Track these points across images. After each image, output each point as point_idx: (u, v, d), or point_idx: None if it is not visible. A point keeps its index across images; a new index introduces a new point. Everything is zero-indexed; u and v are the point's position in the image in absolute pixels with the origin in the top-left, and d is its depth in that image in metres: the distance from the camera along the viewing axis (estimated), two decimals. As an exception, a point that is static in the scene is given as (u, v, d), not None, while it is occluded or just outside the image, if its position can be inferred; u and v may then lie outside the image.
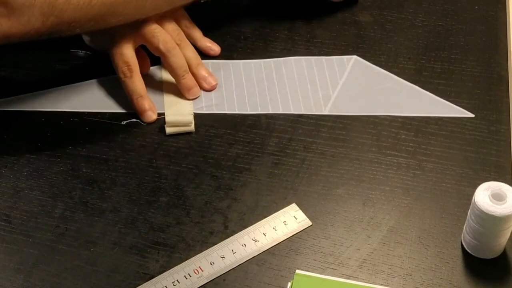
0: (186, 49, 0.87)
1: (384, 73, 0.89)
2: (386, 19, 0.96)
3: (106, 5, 0.77)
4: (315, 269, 0.71)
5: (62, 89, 0.88)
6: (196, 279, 0.70)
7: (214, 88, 0.88)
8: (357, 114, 0.85)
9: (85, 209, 0.76)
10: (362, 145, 0.82)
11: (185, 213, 0.76)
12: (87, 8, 0.75)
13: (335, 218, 0.75)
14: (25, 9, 0.72)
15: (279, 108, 0.86)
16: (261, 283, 0.70)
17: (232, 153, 0.81)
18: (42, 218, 0.75)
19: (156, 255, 0.72)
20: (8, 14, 0.71)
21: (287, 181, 0.79)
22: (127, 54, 0.83)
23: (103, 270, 0.71)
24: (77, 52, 0.91)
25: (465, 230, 0.72)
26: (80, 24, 0.77)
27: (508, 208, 0.67)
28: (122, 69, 0.83)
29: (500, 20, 0.95)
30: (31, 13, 0.72)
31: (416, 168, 0.79)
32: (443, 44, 0.93)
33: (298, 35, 0.94)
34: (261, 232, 0.74)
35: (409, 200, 0.77)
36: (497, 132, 0.83)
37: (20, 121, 0.84)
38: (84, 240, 0.74)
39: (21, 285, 0.70)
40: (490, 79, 0.88)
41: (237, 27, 0.95)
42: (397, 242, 0.73)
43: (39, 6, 0.72)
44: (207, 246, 0.73)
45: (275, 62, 0.91)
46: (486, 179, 0.76)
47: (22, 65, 0.90)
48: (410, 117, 0.84)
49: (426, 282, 0.70)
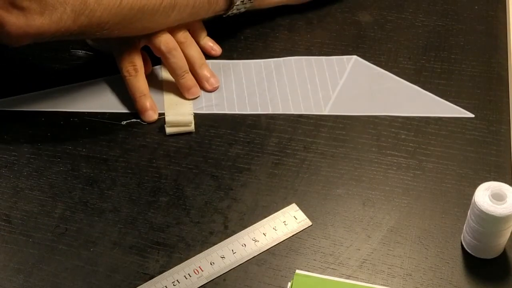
0: (191, 48, 0.87)
1: (384, 73, 0.89)
2: (386, 19, 0.96)
3: (135, 9, 0.78)
4: (315, 269, 0.71)
5: (62, 89, 0.88)
6: (196, 279, 0.70)
7: (216, 89, 0.88)
8: (357, 114, 0.85)
9: (85, 209, 0.76)
10: (362, 145, 0.82)
11: (185, 213, 0.76)
12: (116, 10, 0.77)
13: (335, 218, 0.75)
14: (58, 6, 0.73)
15: (279, 108, 0.86)
16: (261, 283, 0.70)
17: (232, 153, 0.81)
18: (42, 218, 0.75)
19: (156, 255, 0.72)
20: (41, 10, 0.73)
21: (287, 181, 0.79)
22: (133, 55, 0.83)
23: (103, 270, 0.71)
24: (77, 52, 0.91)
25: (465, 230, 0.72)
26: (108, 26, 0.77)
27: (508, 208, 0.67)
28: (127, 69, 0.83)
29: (500, 20, 0.95)
30: (63, 10, 0.73)
31: (416, 168, 0.79)
32: (443, 44, 0.93)
33: (298, 35, 0.94)
34: (261, 232, 0.74)
35: (409, 200, 0.77)
36: (497, 132, 0.83)
37: (20, 121, 0.84)
38: (84, 240, 0.74)
39: (21, 285, 0.70)
40: (490, 79, 0.88)
41: (237, 27, 0.95)
42: (397, 242, 0.73)
43: (71, 3, 0.74)
44: (207, 246, 0.73)
45: (275, 62, 0.91)
46: (486, 179, 0.76)
47: (22, 65, 0.90)
48: (410, 117, 0.84)
49: (426, 282, 0.70)
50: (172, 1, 0.81)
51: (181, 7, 0.82)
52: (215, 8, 0.87)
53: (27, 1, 0.72)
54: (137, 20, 0.80)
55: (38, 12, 0.72)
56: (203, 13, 0.87)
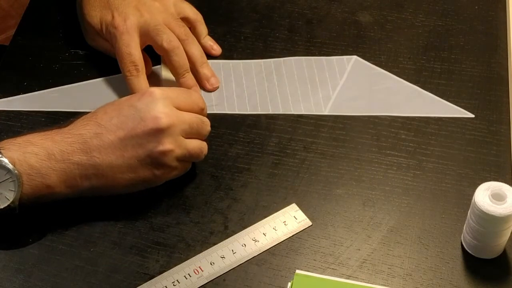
0: (192, 46, 0.87)
1: (384, 73, 0.89)
2: (386, 19, 0.96)
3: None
4: (315, 269, 0.71)
5: (62, 89, 0.88)
6: (196, 279, 0.70)
7: (216, 89, 0.88)
8: (357, 114, 0.85)
9: (85, 209, 0.76)
10: (362, 145, 0.82)
11: (185, 213, 0.76)
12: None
13: (335, 218, 0.75)
14: None
15: (279, 108, 0.86)
16: (261, 283, 0.70)
17: (232, 153, 0.81)
18: (42, 218, 0.75)
19: (156, 255, 0.72)
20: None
21: (287, 181, 0.79)
22: (135, 55, 0.83)
23: (103, 270, 0.71)
24: (77, 52, 0.91)
25: (465, 230, 0.72)
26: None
27: (508, 208, 0.67)
28: (128, 68, 0.83)
29: (500, 20, 0.95)
30: None
31: (416, 168, 0.79)
32: (443, 44, 0.92)
33: (298, 35, 0.94)
34: (261, 232, 0.74)
35: (409, 200, 0.77)
36: (497, 132, 0.82)
37: (20, 121, 0.84)
38: (84, 240, 0.74)
39: (21, 285, 0.70)
40: (490, 79, 0.88)
41: (237, 27, 0.95)
42: (397, 242, 0.73)
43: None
44: (207, 246, 0.73)
45: (275, 62, 0.91)
46: (486, 179, 0.76)
47: (22, 65, 0.90)
48: (410, 117, 0.84)
49: (426, 282, 0.70)
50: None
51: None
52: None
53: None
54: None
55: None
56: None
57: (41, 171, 0.71)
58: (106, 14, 0.85)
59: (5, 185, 0.70)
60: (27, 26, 0.94)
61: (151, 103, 0.73)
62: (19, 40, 0.92)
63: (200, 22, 0.91)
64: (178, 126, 0.74)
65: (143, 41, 0.85)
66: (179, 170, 0.75)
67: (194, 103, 0.77)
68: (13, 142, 0.72)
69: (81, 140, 0.72)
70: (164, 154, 0.73)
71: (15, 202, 0.70)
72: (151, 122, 0.72)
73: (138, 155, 0.73)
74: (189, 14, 0.90)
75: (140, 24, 0.84)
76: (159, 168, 0.73)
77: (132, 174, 0.73)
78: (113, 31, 0.84)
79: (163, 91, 0.75)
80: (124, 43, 0.83)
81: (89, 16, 0.87)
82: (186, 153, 0.74)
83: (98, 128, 0.73)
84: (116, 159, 0.72)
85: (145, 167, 0.73)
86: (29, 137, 0.73)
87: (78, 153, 0.72)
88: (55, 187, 0.72)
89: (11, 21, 1.62)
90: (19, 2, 1.53)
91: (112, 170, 0.73)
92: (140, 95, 0.75)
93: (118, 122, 0.73)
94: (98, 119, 0.74)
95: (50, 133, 0.73)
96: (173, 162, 0.74)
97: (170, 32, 0.85)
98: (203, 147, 0.77)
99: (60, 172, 0.71)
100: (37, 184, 0.71)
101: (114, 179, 0.73)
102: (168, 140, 0.73)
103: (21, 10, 0.97)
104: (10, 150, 0.71)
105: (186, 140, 0.75)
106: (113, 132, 0.73)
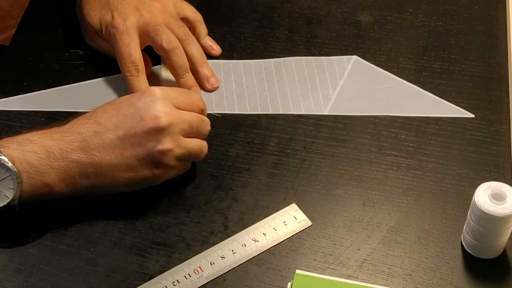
0: (192, 46, 0.87)
1: (384, 73, 0.89)
2: (386, 19, 0.96)
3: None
4: (315, 269, 0.71)
5: (62, 89, 0.88)
6: (196, 279, 0.70)
7: (216, 89, 0.88)
8: (357, 114, 0.85)
9: (85, 209, 0.76)
10: (362, 145, 0.82)
11: (185, 213, 0.76)
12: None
13: (335, 218, 0.75)
14: None
15: (279, 108, 0.86)
16: (261, 283, 0.70)
17: (232, 153, 0.81)
18: (42, 218, 0.75)
19: (156, 255, 0.72)
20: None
21: (287, 181, 0.79)
22: (135, 55, 0.83)
23: (103, 270, 0.71)
24: (77, 52, 0.91)
25: (465, 230, 0.72)
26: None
27: (508, 208, 0.67)
28: (129, 68, 0.83)
29: (500, 20, 0.95)
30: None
31: (416, 168, 0.79)
32: (443, 44, 0.92)
33: (298, 35, 0.94)
34: (261, 232, 0.74)
35: (409, 200, 0.77)
36: (497, 132, 0.83)
37: (20, 121, 0.84)
38: (84, 240, 0.74)
39: (21, 285, 0.70)
40: (490, 79, 0.88)
41: (237, 27, 0.95)
42: (397, 242, 0.73)
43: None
44: (207, 246, 0.73)
45: (275, 62, 0.91)
46: (486, 179, 0.76)
47: (22, 65, 0.90)
48: (410, 117, 0.84)
49: (426, 282, 0.70)
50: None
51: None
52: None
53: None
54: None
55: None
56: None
57: (40, 169, 0.71)
58: (105, 14, 0.85)
59: (5, 183, 0.70)
60: (27, 26, 0.94)
61: (151, 102, 0.73)
62: (19, 40, 0.92)
63: (199, 22, 0.91)
64: (177, 125, 0.74)
65: (142, 41, 0.85)
66: (178, 170, 0.75)
67: (194, 103, 0.77)
68: (12, 140, 0.72)
69: (80, 138, 0.72)
70: (163, 153, 0.73)
71: (14, 200, 0.70)
72: (150, 121, 0.72)
73: (138, 154, 0.73)
74: (189, 14, 0.90)
75: (139, 24, 0.84)
76: (158, 167, 0.73)
77: (131, 173, 0.73)
78: (113, 31, 0.84)
79: (163, 91, 0.75)
80: (124, 43, 0.83)
81: (89, 16, 0.87)
82: (186, 152, 0.74)
83: (97, 127, 0.73)
84: (115, 158, 0.72)
85: (145, 166, 0.73)
86: (28, 135, 0.73)
87: (77, 151, 0.72)
88: (54, 185, 0.72)
89: (11, 21, 1.63)
90: (19, 2, 1.53)
91: (111, 169, 0.73)
92: (140, 94, 0.75)
93: (118, 121, 0.73)
94: (98, 118, 0.74)
95: (49, 131, 0.73)
96: (172, 162, 0.74)
97: (169, 32, 0.85)
98: (203, 147, 0.77)
99: (59, 170, 0.71)
100: (37, 182, 0.71)
101: (113, 177, 0.73)
102: (167, 139, 0.73)
103: (21, 10, 0.97)
104: (9, 148, 0.71)
105: (186, 139, 0.75)
106: (113, 130, 0.73)
